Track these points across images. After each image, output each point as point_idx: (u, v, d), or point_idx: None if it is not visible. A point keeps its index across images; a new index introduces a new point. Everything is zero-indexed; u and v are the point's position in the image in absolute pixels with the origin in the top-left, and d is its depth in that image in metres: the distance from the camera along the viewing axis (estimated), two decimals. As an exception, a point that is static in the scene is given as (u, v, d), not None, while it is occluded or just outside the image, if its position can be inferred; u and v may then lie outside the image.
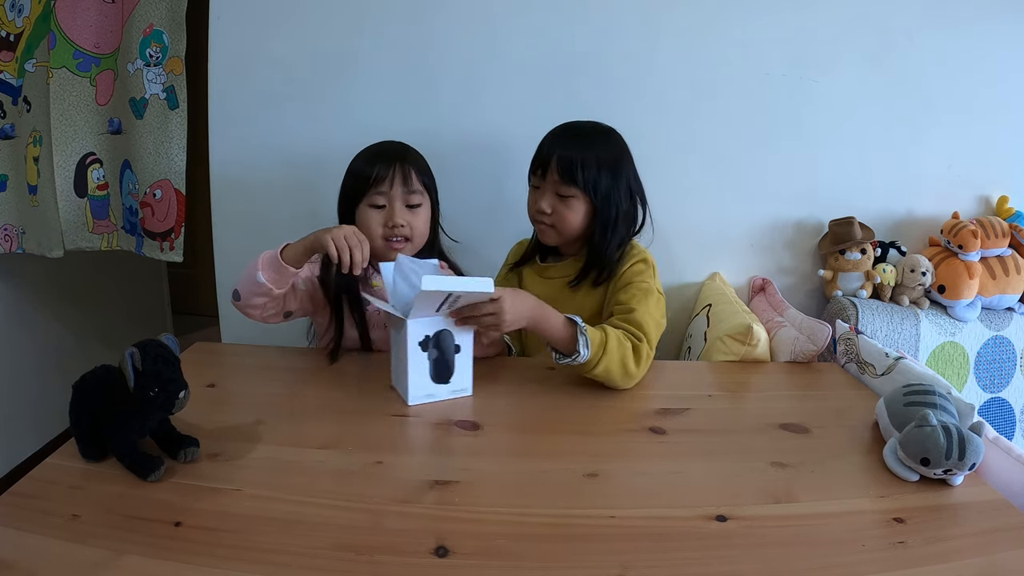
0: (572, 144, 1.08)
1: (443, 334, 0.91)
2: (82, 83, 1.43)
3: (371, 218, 1.05)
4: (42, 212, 1.48)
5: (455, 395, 0.95)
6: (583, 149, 1.07)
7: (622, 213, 1.10)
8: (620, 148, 1.12)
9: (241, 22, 1.39)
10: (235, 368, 1.06)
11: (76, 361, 1.74)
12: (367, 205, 1.06)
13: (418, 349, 0.90)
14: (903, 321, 1.37)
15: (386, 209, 1.06)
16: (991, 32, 1.44)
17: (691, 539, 0.65)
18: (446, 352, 0.92)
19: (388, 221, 1.05)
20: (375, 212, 1.06)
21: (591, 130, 1.12)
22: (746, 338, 1.15)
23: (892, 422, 0.83)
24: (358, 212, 1.07)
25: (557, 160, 1.07)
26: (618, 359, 0.96)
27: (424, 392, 0.92)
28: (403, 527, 0.65)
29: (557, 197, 1.09)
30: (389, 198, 1.05)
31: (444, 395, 0.94)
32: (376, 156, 1.07)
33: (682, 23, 1.40)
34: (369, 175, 1.04)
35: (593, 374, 0.96)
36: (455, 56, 1.41)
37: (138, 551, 0.59)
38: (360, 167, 1.07)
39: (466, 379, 0.95)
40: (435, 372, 0.92)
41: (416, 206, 1.08)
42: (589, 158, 1.06)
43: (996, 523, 0.69)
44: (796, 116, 1.45)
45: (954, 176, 1.51)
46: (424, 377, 0.91)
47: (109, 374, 0.72)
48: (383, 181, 1.04)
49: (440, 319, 0.91)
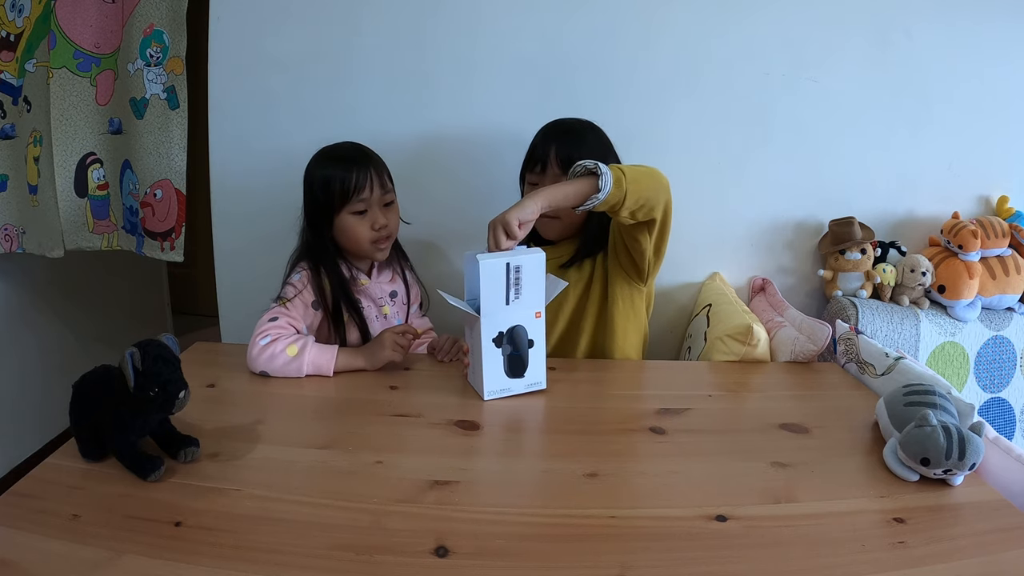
0: (567, 139, 1.12)
1: (516, 330, 0.94)
2: (82, 83, 1.43)
3: (357, 225, 1.08)
4: (42, 212, 1.48)
5: (530, 388, 0.97)
6: (579, 143, 1.11)
7: None
8: (605, 141, 1.17)
9: (241, 22, 1.39)
10: (235, 368, 1.06)
11: (76, 361, 1.73)
12: (349, 213, 1.07)
13: (492, 345, 0.92)
14: (903, 321, 1.37)
15: (368, 213, 1.08)
16: (991, 32, 1.44)
17: (691, 539, 0.65)
18: (520, 347, 0.94)
19: (374, 224, 1.08)
20: (358, 218, 1.08)
21: (580, 126, 1.16)
22: (746, 338, 1.15)
23: (892, 422, 0.83)
24: (339, 220, 1.08)
25: (556, 155, 1.10)
26: (637, 171, 0.95)
27: (500, 387, 0.94)
28: (403, 527, 0.65)
29: None
30: (369, 203, 1.08)
31: (519, 389, 0.96)
32: (349, 163, 1.07)
33: (681, 23, 1.40)
34: (349, 184, 1.05)
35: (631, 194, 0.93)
36: (455, 57, 1.41)
37: (138, 551, 0.59)
38: (336, 176, 1.06)
39: (540, 373, 0.97)
40: (510, 367, 0.94)
41: (390, 204, 1.12)
42: (585, 150, 1.08)
43: (996, 523, 0.69)
44: (796, 116, 1.45)
45: (954, 176, 1.51)
46: (499, 372, 0.94)
47: (109, 374, 0.72)
48: (364, 188, 1.06)
49: (513, 315, 0.93)
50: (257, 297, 1.12)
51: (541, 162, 1.13)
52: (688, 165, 1.45)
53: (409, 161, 1.40)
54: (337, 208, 1.07)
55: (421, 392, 0.98)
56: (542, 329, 0.96)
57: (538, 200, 0.92)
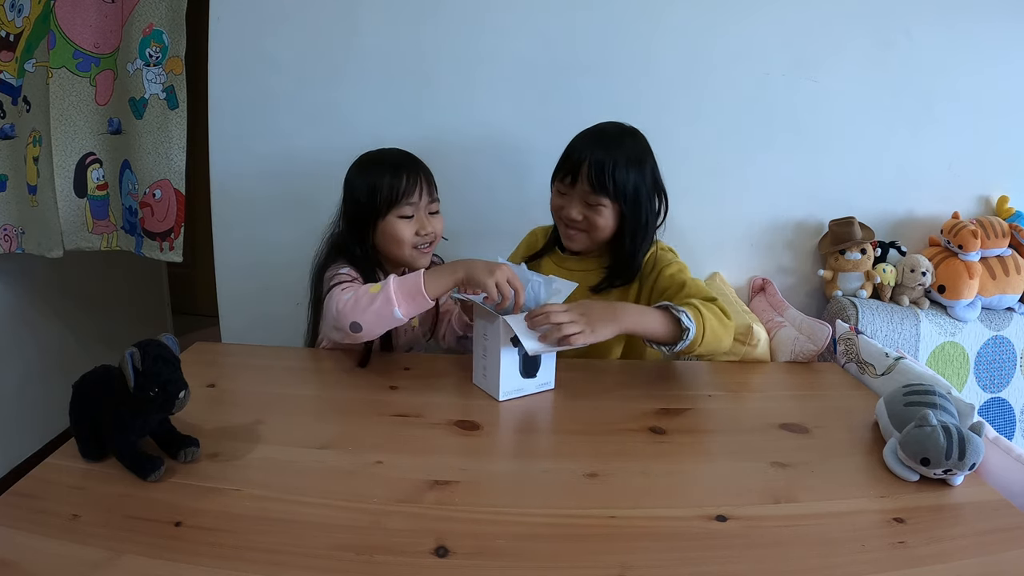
0: (602, 153, 1.05)
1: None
2: (82, 83, 1.43)
3: (403, 228, 1.07)
4: (42, 212, 1.48)
5: (541, 388, 0.98)
6: (612, 159, 1.04)
7: (651, 217, 1.10)
8: (644, 151, 1.10)
9: (241, 22, 1.39)
10: (235, 368, 1.06)
11: (76, 361, 1.73)
12: (396, 216, 1.07)
13: (510, 345, 0.92)
14: (903, 321, 1.37)
15: (415, 218, 1.08)
16: (991, 32, 1.44)
17: (691, 539, 0.65)
18: None
19: (420, 230, 1.08)
20: (405, 222, 1.07)
21: (617, 131, 1.10)
22: (746, 338, 1.15)
23: (892, 422, 0.83)
24: (384, 223, 1.07)
25: (587, 170, 1.05)
26: (716, 321, 0.97)
27: (514, 387, 0.95)
28: (403, 527, 0.65)
29: (586, 205, 1.08)
30: (417, 208, 1.08)
31: (532, 389, 0.97)
32: (399, 168, 1.07)
33: (682, 23, 1.40)
34: (399, 188, 1.05)
35: (703, 346, 0.96)
36: (454, 57, 1.41)
37: (138, 551, 0.59)
38: (385, 180, 1.05)
39: (550, 373, 0.98)
40: (524, 367, 0.95)
41: (435, 212, 1.12)
42: (619, 168, 1.04)
43: (996, 523, 0.69)
44: (796, 116, 1.45)
45: (954, 176, 1.51)
46: (514, 372, 0.94)
47: (109, 374, 0.72)
48: (413, 192, 1.06)
49: (520, 322, 0.93)
50: (257, 297, 1.12)
51: (572, 173, 1.07)
52: (688, 165, 1.45)
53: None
54: (383, 211, 1.06)
55: (421, 392, 0.98)
56: None
57: (611, 325, 0.92)
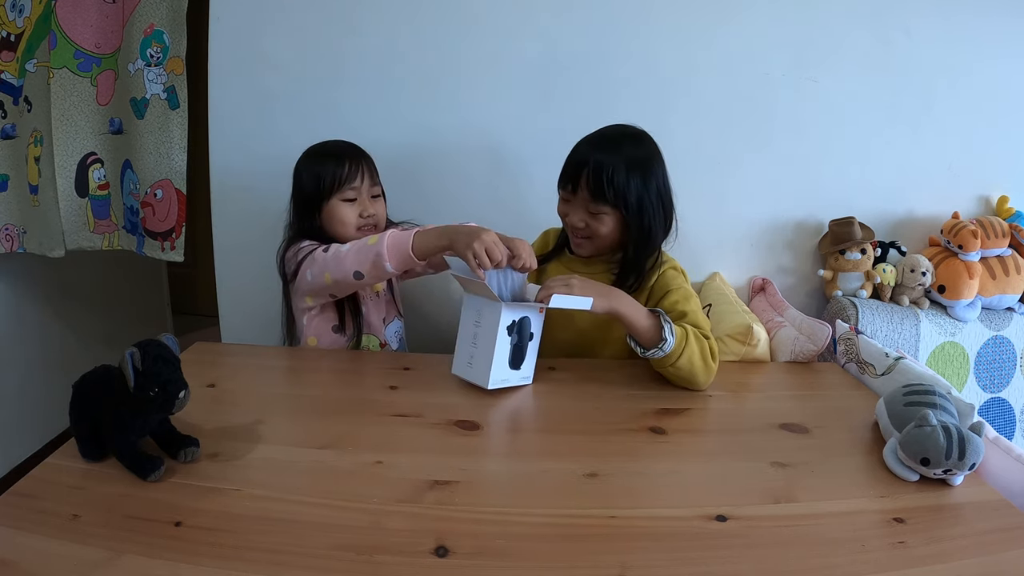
0: (601, 158, 1.02)
1: (524, 321, 0.95)
2: (83, 83, 1.43)
3: (346, 211, 1.14)
4: (43, 212, 1.49)
5: (523, 382, 0.98)
6: (611, 164, 1.02)
7: (655, 224, 1.07)
8: (649, 155, 1.07)
9: (241, 22, 1.39)
10: (235, 368, 1.06)
11: (76, 361, 1.73)
12: (340, 200, 1.13)
13: (505, 333, 0.92)
14: (903, 321, 1.37)
15: (357, 201, 1.15)
16: (991, 31, 1.44)
17: (691, 539, 0.65)
18: (524, 339, 0.95)
19: (363, 212, 1.15)
20: (348, 205, 1.14)
21: (619, 139, 1.07)
22: (746, 338, 1.15)
23: (892, 422, 0.83)
24: (329, 206, 1.14)
25: (586, 177, 1.03)
26: (699, 352, 0.97)
27: (501, 377, 0.94)
28: (403, 527, 0.65)
29: (588, 213, 1.07)
30: (359, 192, 1.14)
31: (515, 381, 0.97)
32: (342, 157, 1.15)
33: (681, 23, 1.40)
34: (341, 174, 1.13)
35: (675, 367, 0.97)
36: (453, 57, 1.41)
37: (138, 551, 0.59)
38: (328, 167, 1.13)
39: (531, 367, 0.98)
40: (512, 358, 0.95)
41: (377, 196, 1.19)
42: (619, 174, 1.02)
43: (996, 523, 0.69)
44: (796, 116, 1.45)
45: (954, 176, 1.51)
46: (504, 362, 0.94)
47: (109, 374, 0.72)
48: (355, 178, 1.13)
49: (525, 306, 0.94)
50: (257, 297, 1.12)
51: (573, 180, 1.05)
52: (688, 165, 1.44)
53: (407, 161, 1.41)
54: (327, 195, 1.13)
55: (421, 392, 0.98)
56: (541, 325, 0.98)
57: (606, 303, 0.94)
